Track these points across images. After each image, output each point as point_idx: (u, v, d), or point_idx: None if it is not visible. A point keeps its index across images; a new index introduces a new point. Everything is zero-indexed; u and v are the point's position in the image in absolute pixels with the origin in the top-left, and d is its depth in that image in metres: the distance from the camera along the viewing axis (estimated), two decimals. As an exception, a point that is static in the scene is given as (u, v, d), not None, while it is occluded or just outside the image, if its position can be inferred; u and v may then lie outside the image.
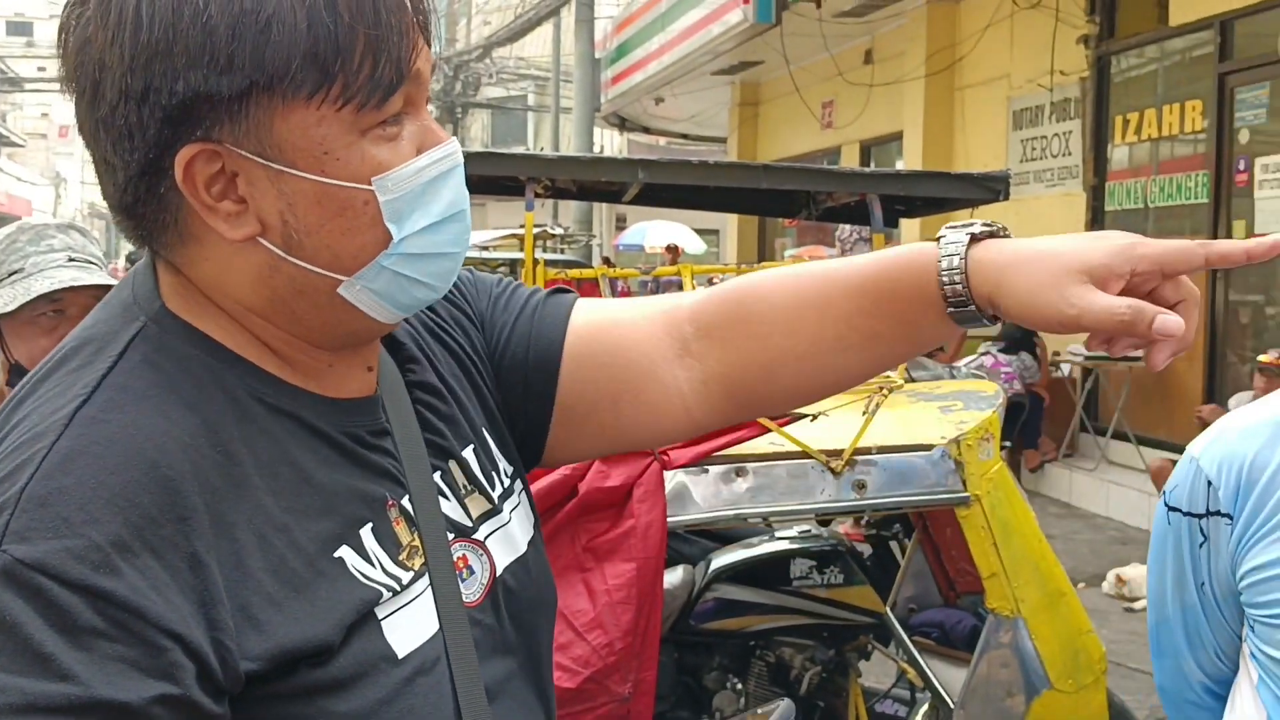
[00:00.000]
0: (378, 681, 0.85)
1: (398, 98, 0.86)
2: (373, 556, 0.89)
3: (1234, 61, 7.51)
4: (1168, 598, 1.40)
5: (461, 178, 0.92)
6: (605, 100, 16.72)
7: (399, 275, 0.89)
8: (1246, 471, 1.26)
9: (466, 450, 1.04)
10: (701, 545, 3.40)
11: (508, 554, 1.02)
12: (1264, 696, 1.25)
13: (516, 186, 3.12)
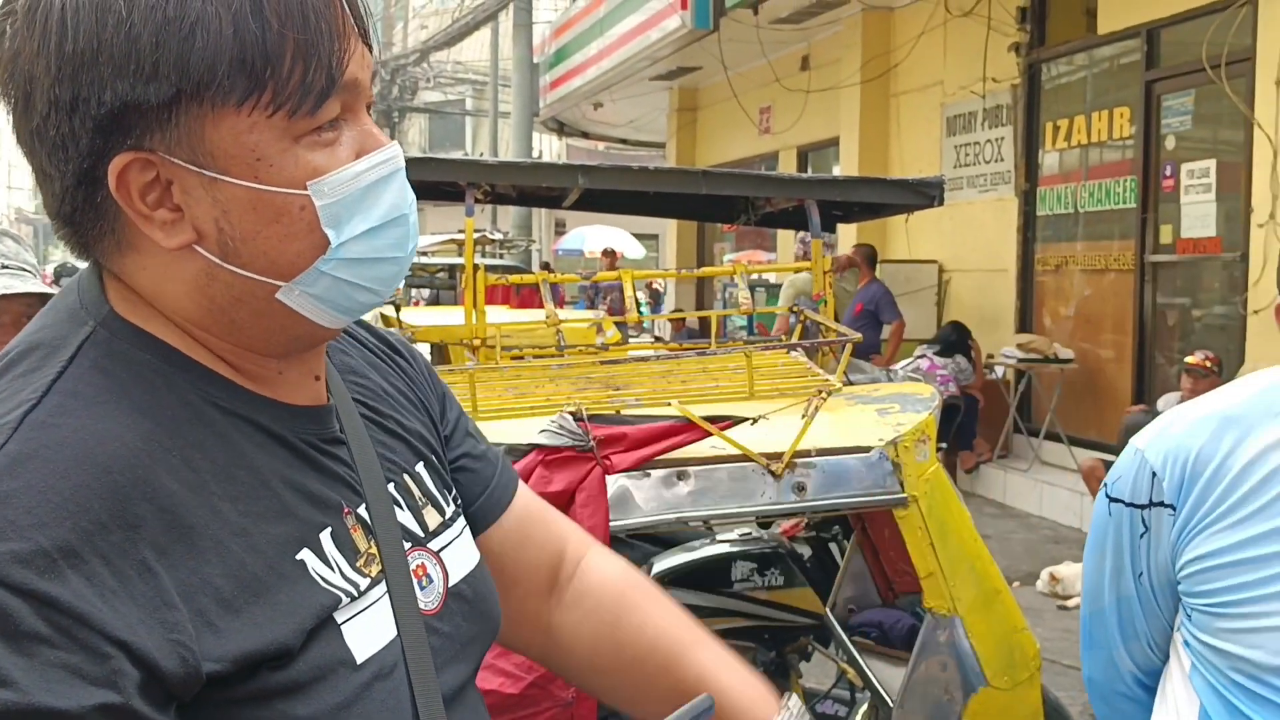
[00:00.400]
0: (336, 686, 0.85)
1: (332, 104, 0.86)
2: (332, 561, 0.89)
3: (1160, 69, 7.69)
4: (1104, 588, 1.43)
5: (403, 182, 0.92)
6: (544, 105, 16.69)
7: (339, 280, 0.89)
8: (1192, 464, 1.29)
9: (418, 466, 1.05)
10: (643, 549, 3.40)
11: (462, 566, 1.04)
12: (1196, 684, 1.28)
13: (455, 192, 3.10)
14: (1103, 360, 8.30)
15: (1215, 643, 1.25)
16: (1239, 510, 1.24)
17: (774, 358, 2.82)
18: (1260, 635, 1.20)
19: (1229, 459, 1.27)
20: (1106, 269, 8.26)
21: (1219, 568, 1.25)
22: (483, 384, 2.51)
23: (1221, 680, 1.25)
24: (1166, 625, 1.36)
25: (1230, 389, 1.35)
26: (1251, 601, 1.22)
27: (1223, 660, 1.24)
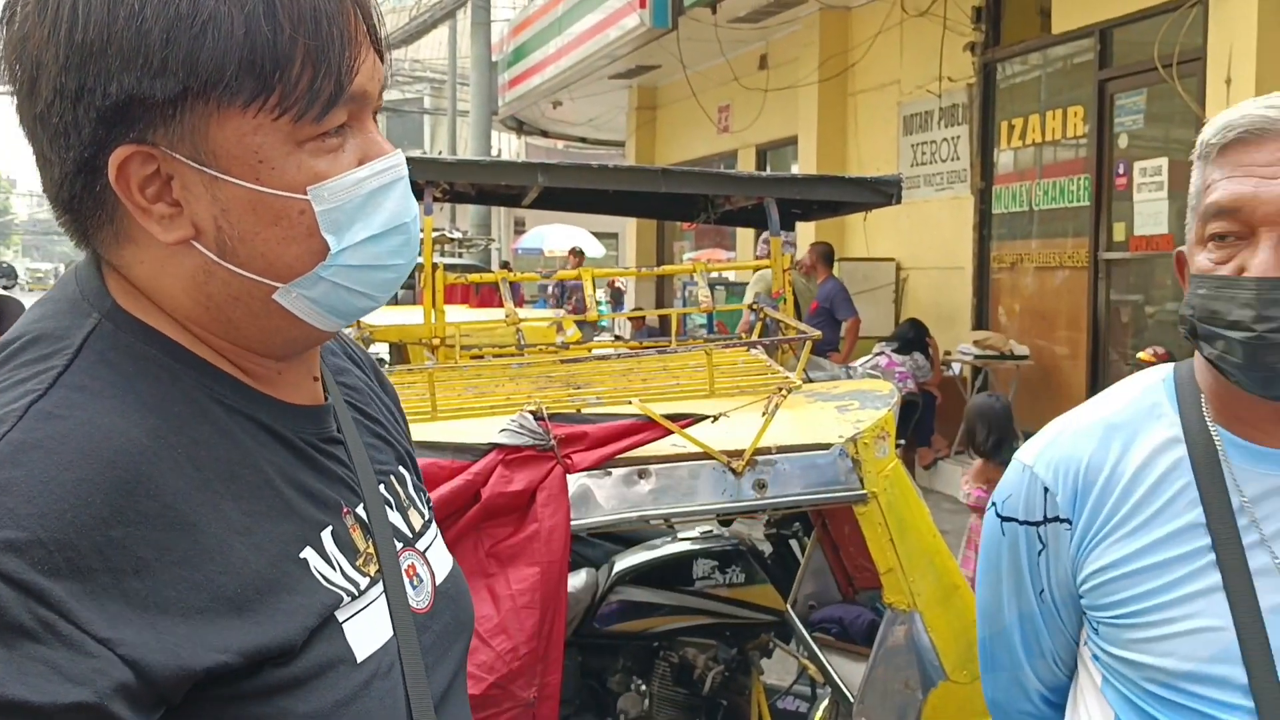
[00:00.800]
0: (337, 683, 0.86)
1: (339, 112, 0.86)
2: (333, 560, 0.90)
3: (1113, 69, 7.80)
4: (1004, 608, 1.41)
5: (406, 190, 0.92)
6: (503, 103, 16.63)
7: (337, 285, 0.89)
8: (1083, 475, 1.29)
9: (400, 468, 1.07)
10: (605, 548, 3.41)
11: (443, 567, 1.06)
12: (1110, 696, 1.28)
13: (414, 190, 3.08)
14: (1058, 356, 8.40)
15: (1125, 654, 1.25)
16: (1135, 517, 1.24)
17: (734, 355, 2.82)
18: (1170, 642, 1.20)
19: (1119, 466, 1.27)
20: (1061, 266, 8.36)
21: (1121, 578, 1.24)
22: (442, 383, 2.49)
23: (1136, 691, 1.25)
24: (1071, 640, 1.35)
25: (1109, 395, 1.35)
26: (1158, 609, 1.22)
27: (1135, 671, 1.24)
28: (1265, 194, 1.13)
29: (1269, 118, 1.16)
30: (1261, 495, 1.20)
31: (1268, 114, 1.16)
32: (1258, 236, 1.14)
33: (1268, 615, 1.17)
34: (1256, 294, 1.12)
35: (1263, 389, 1.16)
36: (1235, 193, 1.15)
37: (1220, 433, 1.24)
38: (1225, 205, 1.16)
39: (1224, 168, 1.17)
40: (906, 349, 8.37)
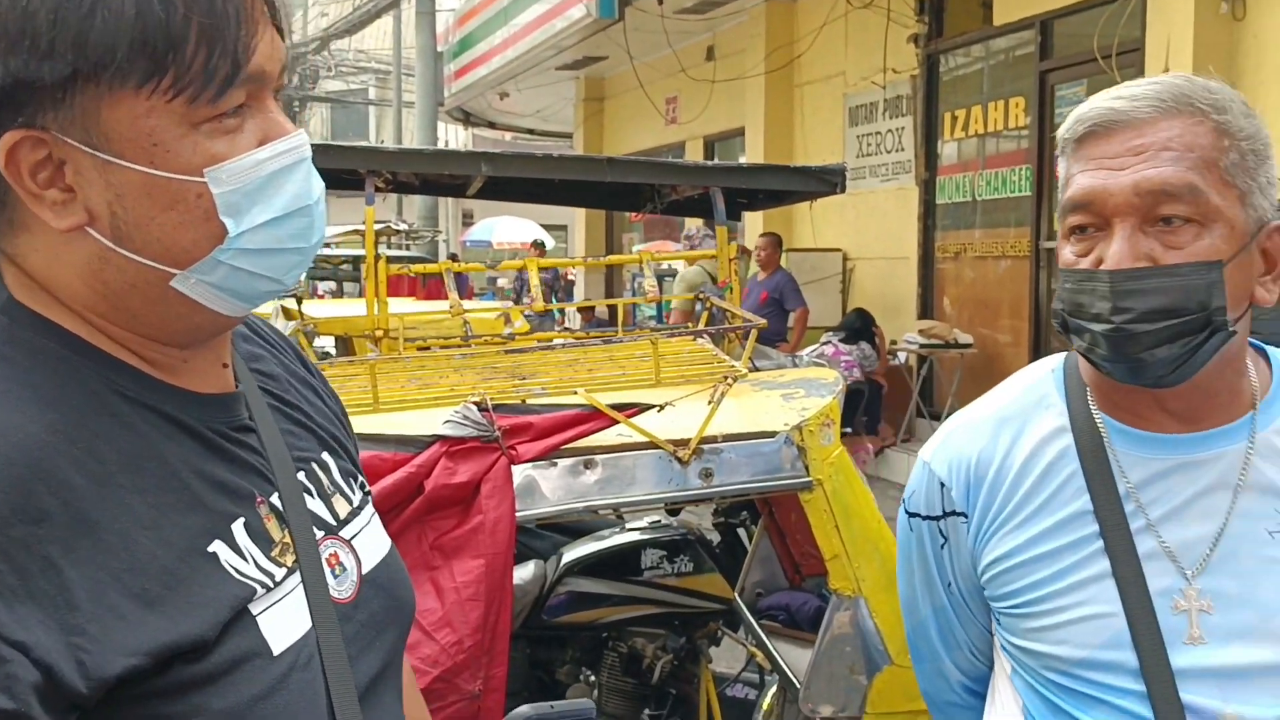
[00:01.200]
0: (253, 678, 0.84)
1: (236, 92, 0.84)
2: (245, 552, 0.88)
3: (1054, 60, 7.90)
4: (919, 602, 1.43)
5: (310, 171, 0.90)
6: (449, 95, 16.51)
7: (238, 269, 0.87)
8: (974, 469, 1.31)
9: (324, 454, 1.05)
10: (552, 539, 3.40)
11: (374, 554, 1.03)
12: (1018, 685, 1.30)
13: (356, 181, 3.04)
14: (1001, 345, 8.51)
15: (1024, 643, 1.27)
16: (1026, 507, 1.26)
17: (680, 345, 2.82)
18: (1064, 630, 1.22)
19: (1008, 458, 1.28)
20: (1004, 256, 8.46)
21: (1015, 568, 1.26)
22: (385, 375, 2.47)
23: (1038, 679, 1.26)
24: (985, 631, 1.37)
25: (1001, 389, 1.37)
26: (1050, 598, 1.23)
27: (1034, 660, 1.26)
28: (1114, 186, 1.14)
29: (1116, 109, 1.17)
30: (1146, 480, 1.22)
31: (1115, 105, 1.17)
32: (1112, 228, 1.15)
33: (1157, 599, 1.18)
34: (1110, 286, 1.13)
35: (1131, 377, 1.18)
36: (1087, 186, 1.16)
37: (1105, 420, 1.25)
38: (1079, 199, 1.17)
39: (1079, 162, 1.19)
40: (853, 339, 8.44)
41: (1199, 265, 1.13)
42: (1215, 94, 1.17)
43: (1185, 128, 1.14)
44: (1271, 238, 1.19)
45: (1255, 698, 1.15)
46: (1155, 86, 1.17)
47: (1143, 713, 1.18)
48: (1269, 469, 1.20)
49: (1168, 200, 1.13)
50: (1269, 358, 1.28)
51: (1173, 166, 1.13)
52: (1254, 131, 1.17)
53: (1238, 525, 1.19)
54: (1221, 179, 1.14)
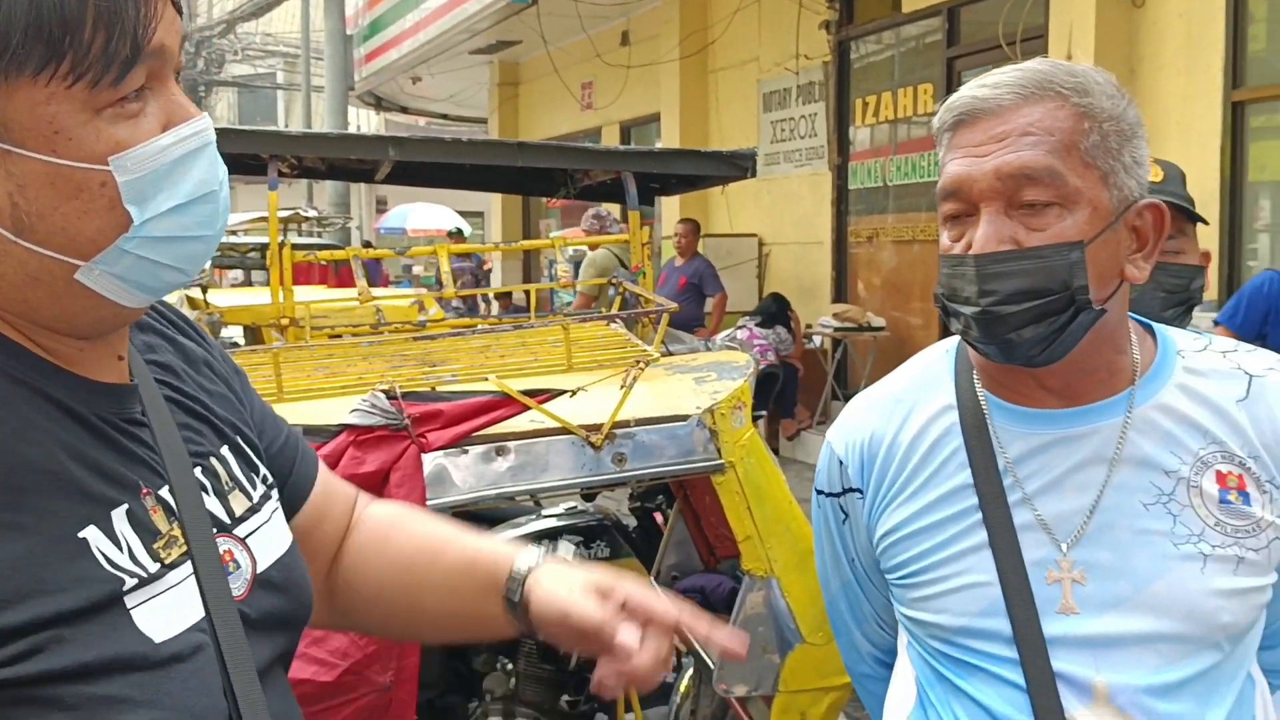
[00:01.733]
0: (131, 666, 0.82)
1: (137, 73, 0.82)
2: (122, 541, 0.86)
3: (960, 46, 8.03)
4: (830, 578, 1.49)
5: (214, 156, 0.88)
6: (359, 78, 16.24)
7: (143, 259, 0.85)
8: (867, 446, 1.35)
9: (224, 449, 1.03)
10: (470, 529, 3.37)
11: (270, 553, 1.02)
12: (911, 655, 1.35)
13: (261, 166, 2.97)
14: (912, 327, 8.65)
15: (911, 613, 1.31)
16: (913, 481, 1.31)
17: (593, 330, 2.81)
18: (944, 599, 1.26)
19: (899, 435, 1.33)
20: (914, 240, 8.60)
21: (902, 539, 1.31)
22: (291, 364, 2.42)
23: (925, 648, 1.31)
24: (888, 603, 1.41)
25: (898, 370, 1.42)
26: (934, 567, 1.27)
27: (920, 629, 1.30)
28: (978, 172, 1.18)
29: (980, 97, 1.20)
30: (1024, 455, 1.25)
31: (979, 93, 1.20)
32: (979, 213, 1.19)
33: (1031, 569, 1.22)
34: (976, 269, 1.17)
35: (1003, 357, 1.21)
36: (954, 174, 1.20)
37: (987, 397, 1.29)
38: (948, 187, 1.21)
39: (949, 150, 1.22)
40: (769, 323, 8.51)
41: (1060, 246, 1.16)
42: (1078, 77, 1.19)
43: (1046, 112, 1.17)
44: (1141, 216, 1.22)
45: (1126, 666, 1.19)
46: (1018, 74, 1.20)
47: (1016, 680, 1.22)
48: (1145, 443, 1.23)
49: (1029, 184, 1.16)
50: (1155, 334, 1.32)
51: (1032, 151, 1.16)
52: (1118, 112, 1.19)
53: (1113, 498, 1.22)
54: (1082, 161, 1.17)
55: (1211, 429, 1.23)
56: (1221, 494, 1.21)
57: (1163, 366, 1.27)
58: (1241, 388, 1.25)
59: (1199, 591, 1.19)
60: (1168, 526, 1.20)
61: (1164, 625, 1.19)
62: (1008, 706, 1.22)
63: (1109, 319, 1.22)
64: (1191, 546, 1.20)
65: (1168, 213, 1.25)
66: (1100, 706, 1.19)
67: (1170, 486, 1.22)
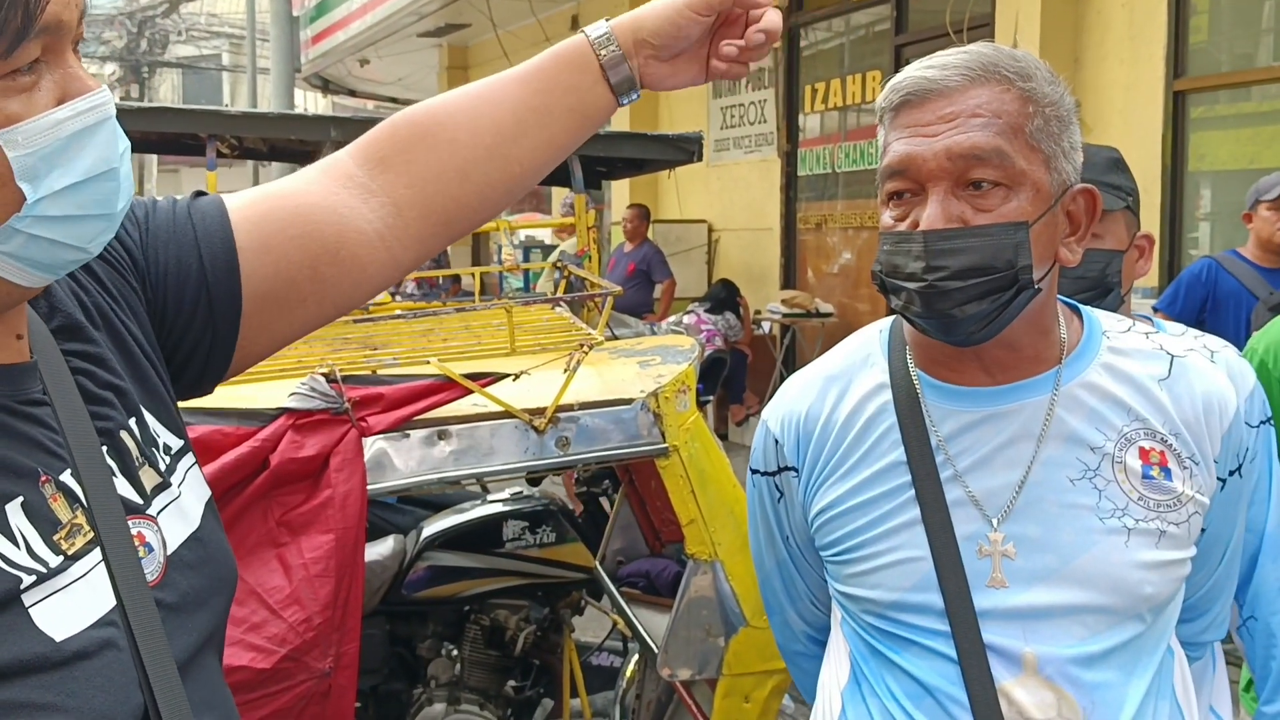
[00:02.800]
0: (30, 668, 0.79)
1: (30, 46, 0.78)
2: (18, 535, 0.82)
3: (909, 34, 8.07)
4: (764, 556, 1.50)
5: (113, 131, 0.85)
6: (306, 61, 15.99)
7: (37, 238, 0.81)
8: (802, 424, 1.37)
9: (131, 421, 0.98)
10: (414, 514, 3.34)
11: (182, 529, 0.98)
12: (845, 632, 1.37)
13: (199, 146, 2.92)
14: (860, 313, 8.70)
15: (846, 589, 1.33)
16: (848, 459, 1.33)
17: (538, 313, 2.80)
18: (878, 574, 1.28)
19: (834, 413, 1.35)
20: (863, 227, 8.65)
21: (837, 516, 1.33)
22: (229, 347, 2.37)
23: (859, 624, 1.33)
24: (822, 581, 1.44)
25: (833, 350, 1.44)
26: (868, 543, 1.29)
27: (854, 605, 1.33)
28: (928, 152, 1.19)
29: (928, 78, 1.22)
30: (955, 432, 1.28)
31: (927, 74, 1.22)
32: (926, 192, 1.20)
33: (962, 544, 1.25)
34: (925, 245, 1.19)
35: (943, 334, 1.23)
36: (902, 153, 1.21)
37: (920, 376, 1.31)
38: (896, 165, 1.22)
39: (895, 130, 1.24)
40: (718, 309, 8.52)
41: (1007, 226, 1.18)
42: (1020, 62, 1.22)
43: (993, 95, 1.19)
44: (1075, 200, 1.25)
45: (1054, 637, 1.22)
46: (964, 56, 1.22)
47: (948, 652, 1.24)
48: (1071, 419, 1.25)
49: (978, 164, 1.18)
50: (1082, 315, 1.35)
51: (981, 132, 1.18)
52: (1057, 98, 1.22)
53: (1040, 473, 1.24)
54: (1027, 143, 1.20)
55: (1135, 407, 1.26)
56: (1144, 469, 1.24)
57: (1088, 346, 1.30)
58: (1164, 367, 1.28)
59: (1123, 564, 1.21)
60: (1093, 501, 1.23)
61: (1089, 597, 1.21)
62: (940, 678, 1.24)
63: (1042, 299, 1.25)
64: (1116, 520, 1.23)
65: (1100, 198, 1.28)
66: (1029, 677, 1.22)
67: (1095, 462, 1.24)
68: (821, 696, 1.42)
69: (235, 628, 1.78)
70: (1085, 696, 1.21)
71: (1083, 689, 1.21)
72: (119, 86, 22.51)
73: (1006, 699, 1.21)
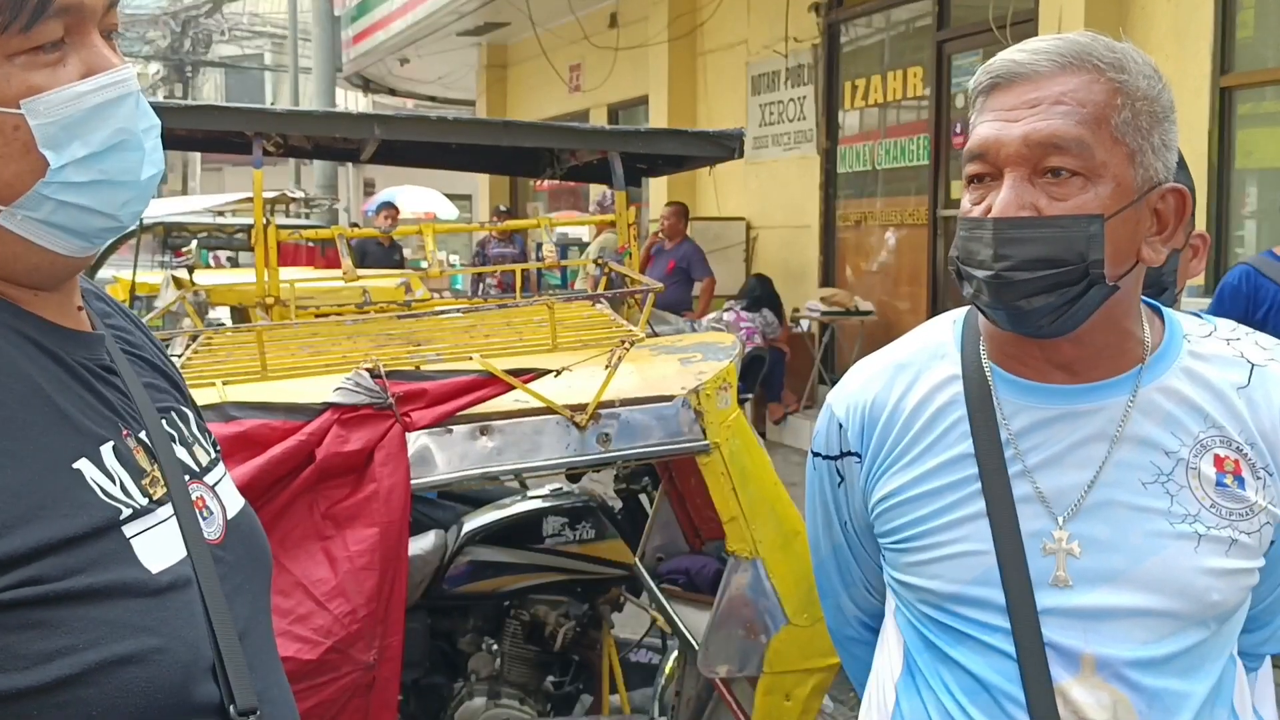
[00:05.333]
0: (132, 591, 0.85)
1: (51, 25, 0.83)
2: (114, 474, 0.89)
3: (950, 30, 8.01)
4: (820, 540, 1.50)
5: (136, 106, 0.90)
6: (347, 60, 16.14)
7: (65, 204, 0.86)
8: (869, 411, 1.36)
9: (184, 407, 1.06)
10: (454, 509, 3.36)
11: (234, 504, 1.05)
12: (900, 622, 1.36)
13: (245, 144, 2.95)
14: (900, 311, 8.65)
15: (904, 578, 1.32)
16: (914, 448, 1.31)
17: (578, 310, 2.81)
18: (938, 565, 1.27)
19: (902, 402, 1.34)
20: (902, 224, 8.60)
21: (900, 504, 1.31)
22: (274, 343, 2.40)
23: (914, 614, 1.32)
24: (878, 568, 1.43)
25: (904, 338, 1.42)
26: (929, 534, 1.28)
27: (912, 594, 1.32)
28: (1006, 136, 1.18)
29: (1017, 61, 1.20)
30: (1027, 428, 1.26)
31: (1017, 58, 1.21)
32: (1003, 178, 1.19)
33: (1027, 540, 1.23)
34: (994, 233, 1.17)
35: (1012, 324, 1.22)
36: (983, 136, 1.20)
37: (993, 369, 1.30)
38: (975, 149, 1.21)
39: (982, 113, 1.22)
40: (755, 306, 8.50)
41: (1080, 218, 1.16)
42: (1116, 53, 1.20)
43: (1081, 83, 1.18)
44: (1165, 199, 1.22)
45: (1115, 639, 1.21)
46: (1058, 42, 1.21)
47: (1006, 649, 1.23)
48: (1147, 423, 1.24)
49: (1056, 152, 1.16)
50: (1164, 317, 1.32)
51: (1062, 120, 1.16)
52: (1153, 93, 1.20)
53: (1112, 474, 1.23)
54: (1111, 135, 1.17)
55: (1212, 413, 1.24)
56: (1218, 477, 1.22)
57: (1169, 349, 1.28)
58: (1243, 375, 1.26)
59: (1191, 570, 1.20)
60: (1165, 505, 1.22)
61: (1155, 601, 1.20)
62: (996, 675, 1.23)
63: (1121, 298, 1.22)
64: (1187, 526, 1.21)
65: (1190, 198, 1.25)
66: (1087, 677, 1.20)
67: (1169, 467, 1.23)
68: (874, 686, 1.41)
69: (282, 619, 1.81)
70: (1143, 701, 1.20)
71: (1141, 693, 1.20)
72: (163, 86, 22.79)
73: (1063, 698, 1.20)
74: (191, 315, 2.94)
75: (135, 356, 1.02)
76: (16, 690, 0.78)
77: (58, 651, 0.80)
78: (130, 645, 0.83)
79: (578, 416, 2.14)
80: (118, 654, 0.82)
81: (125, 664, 0.82)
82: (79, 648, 0.80)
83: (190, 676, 0.87)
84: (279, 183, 15.05)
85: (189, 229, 7.98)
